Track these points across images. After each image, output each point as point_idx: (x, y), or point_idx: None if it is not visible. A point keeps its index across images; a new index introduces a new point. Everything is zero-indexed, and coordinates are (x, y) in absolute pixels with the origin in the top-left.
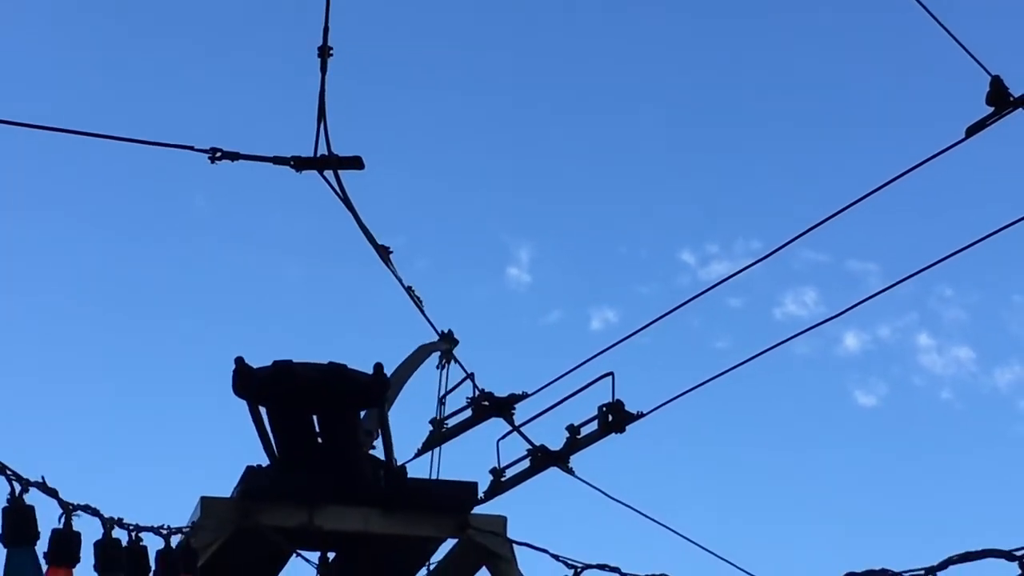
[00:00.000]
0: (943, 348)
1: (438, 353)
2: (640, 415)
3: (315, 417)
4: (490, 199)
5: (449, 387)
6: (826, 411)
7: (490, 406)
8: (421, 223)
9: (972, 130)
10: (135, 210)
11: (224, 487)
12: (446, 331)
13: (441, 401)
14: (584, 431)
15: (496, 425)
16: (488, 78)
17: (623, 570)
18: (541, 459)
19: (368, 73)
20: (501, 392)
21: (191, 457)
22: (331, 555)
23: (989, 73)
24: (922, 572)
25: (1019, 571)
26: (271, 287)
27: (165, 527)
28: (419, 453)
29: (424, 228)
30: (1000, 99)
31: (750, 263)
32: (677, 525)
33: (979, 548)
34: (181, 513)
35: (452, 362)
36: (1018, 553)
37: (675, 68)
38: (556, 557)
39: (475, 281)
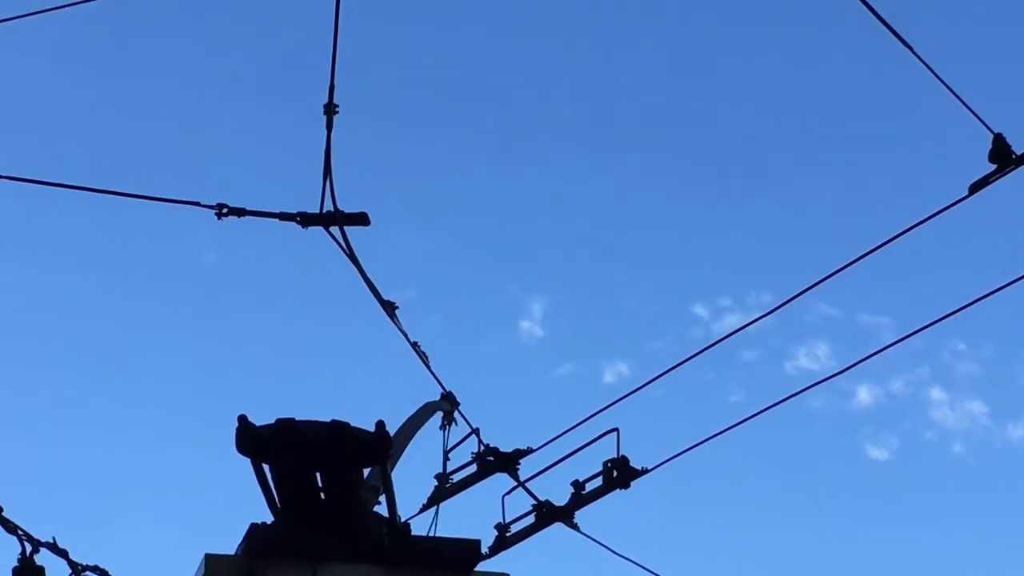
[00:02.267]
0: (955, 402)
1: (441, 413)
2: (645, 471)
3: (318, 474)
4: (503, 253)
5: (453, 443)
6: (839, 465)
7: (495, 461)
8: (434, 278)
9: (975, 187)
10: (142, 266)
11: (229, 545)
12: (448, 392)
13: (446, 456)
14: (589, 487)
15: (501, 480)
16: (498, 134)
17: None
18: (546, 514)
19: (377, 129)
20: (507, 447)
21: (197, 515)
22: None
23: (991, 131)
24: None
25: None
26: (277, 343)
27: None
28: (424, 508)
29: (437, 283)
30: (1003, 156)
31: (761, 315)
32: None
33: None
34: (187, 571)
35: (454, 423)
36: None
37: (685, 122)
38: None
39: (487, 335)
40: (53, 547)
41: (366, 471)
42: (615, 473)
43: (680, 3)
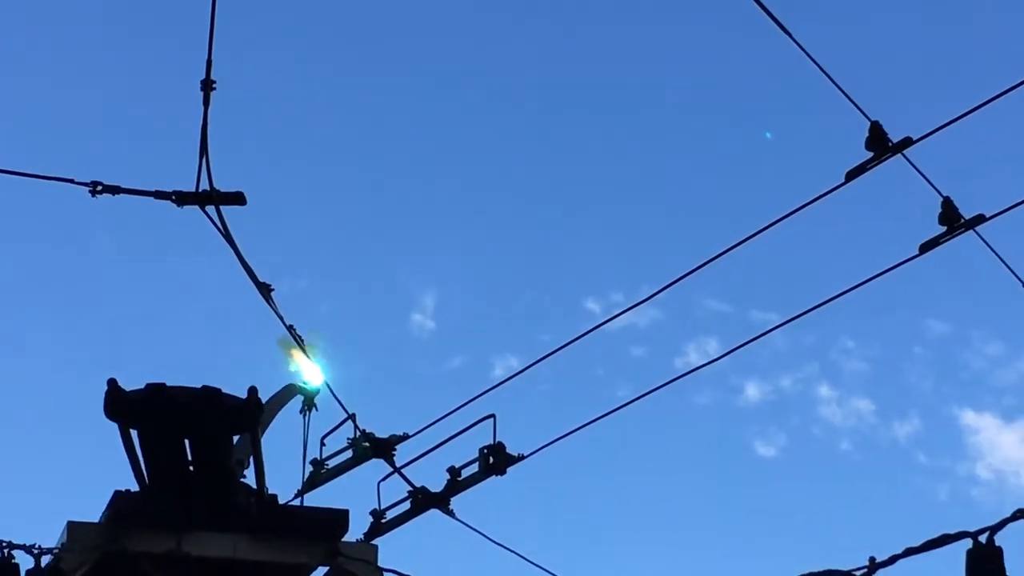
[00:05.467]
0: (843, 399)
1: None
2: (521, 457)
3: (187, 442)
4: (396, 245)
5: (328, 427)
6: (726, 461)
7: (371, 447)
8: (327, 268)
9: (852, 174)
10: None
11: (93, 512)
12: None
13: (322, 441)
14: (465, 473)
15: (378, 466)
16: (390, 122)
17: None
18: (422, 501)
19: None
20: (386, 434)
21: (60, 482)
22: None
23: (869, 119)
24: None
25: None
26: (153, 319)
27: (36, 547)
28: (299, 493)
29: (330, 273)
30: (879, 144)
31: (639, 301)
32: (558, 569)
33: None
34: (49, 539)
35: (315, 408)
36: (858, 573)
37: (571, 113)
38: None
39: (379, 326)
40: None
41: (235, 439)
42: (491, 459)
43: None
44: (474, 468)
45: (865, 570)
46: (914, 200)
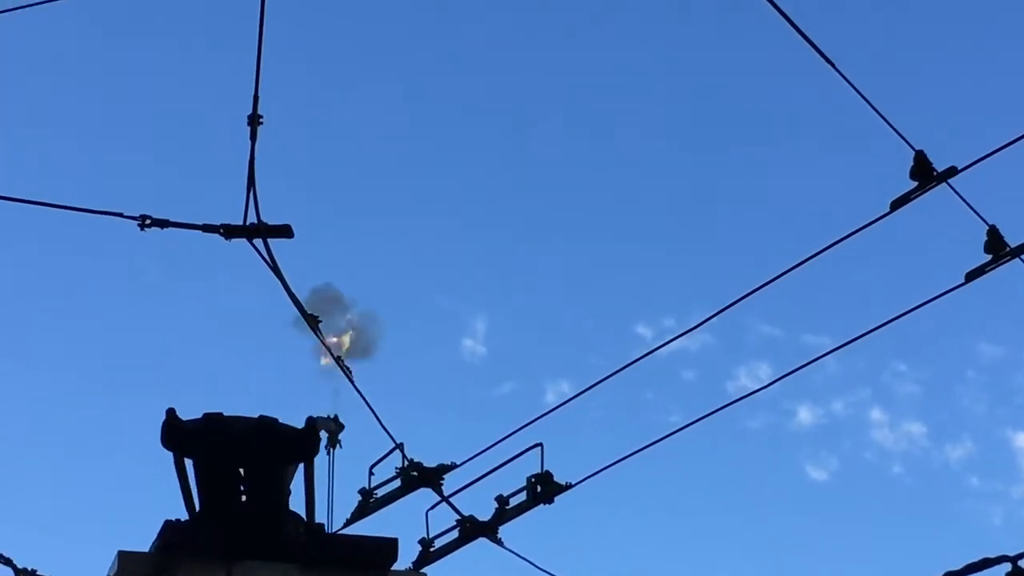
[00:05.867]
0: (895, 423)
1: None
2: (568, 486)
3: (242, 471)
4: (447, 269)
5: (378, 455)
6: (777, 485)
7: (419, 476)
8: (378, 293)
9: (897, 204)
10: (67, 275)
11: (143, 542)
12: (334, 416)
13: (370, 471)
14: (513, 502)
15: (426, 495)
16: (437, 149)
17: None
18: (470, 529)
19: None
20: (436, 462)
21: (112, 511)
22: None
23: (913, 148)
24: None
25: None
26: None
27: None
28: (348, 522)
29: (381, 298)
30: (924, 173)
31: (693, 327)
32: None
33: None
34: (100, 567)
35: (339, 445)
36: None
37: (625, 144)
38: None
39: (429, 351)
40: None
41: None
42: (539, 488)
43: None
44: (522, 497)
45: None
46: (960, 228)
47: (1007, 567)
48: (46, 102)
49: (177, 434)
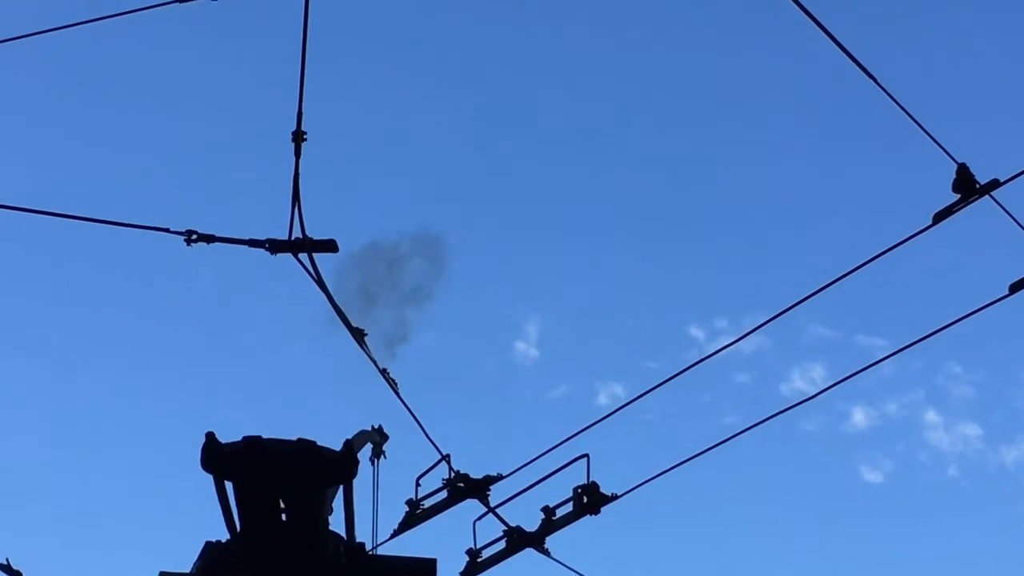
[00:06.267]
0: (950, 425)
1: (371, 444)
2: (615, 497)
3: (281, 493)
4: (500, 271)
5: (424, 467)
6: (833, 488)
7: (465, 487)
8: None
9: (939, 217)
10: (110, 290)
11: (184, 563)
12: (379, 426)
13: (417, 482)
14: (560, 512)
15: (473, 505)
16: (486, 151)
17: None
18: (517, 540)
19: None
20: (490, 470)
21: (153, 533)
22: None
23: (955, 160)
24: None
25: None
26: (247, 368)
27: None
28: (395, 534)
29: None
30: (967, 186)
31: (749, 331)
32: None
33: None
34: None
35: (383, 456)
36: None
37: (679, 148)
38: None
39: (483, 355)
40: (7, 568)
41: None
42: (585, 499)
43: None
44: (569, 508)
45: None
46: (1003, 239)
47: None
48: (94, 116)
49: (216, 457)
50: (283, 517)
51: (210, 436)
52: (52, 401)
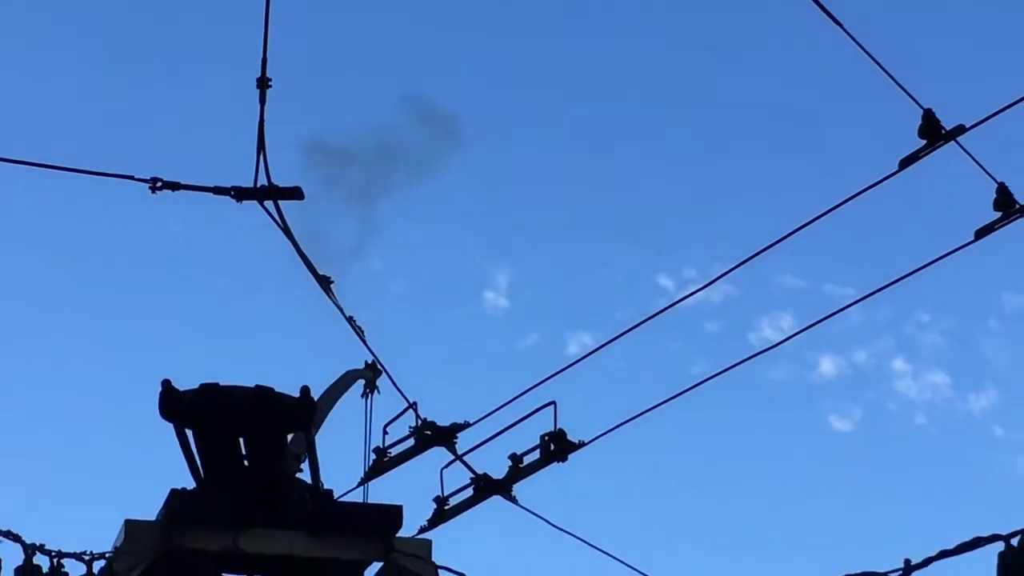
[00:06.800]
0: (918, 373)
1: (363, 381)
2: (581, 444)
3: (242, 440)
4: (470, 222)
5: (391, 415)
6: (801, 436)
7: (433, 435)
8: (401, 247)
9: (905, 162)
10: (73, 237)
11: (150, 511)
12: (370, 361)
13: (384, 430)
14: (527, 460)
15: (442, 453)
16: (461, 101)
17: None
18: (484, 488)
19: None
20: (446, 420)
21: (117, 482)
22: None
23: (921, 107)
24: None
25: None
26: (210, 314)
27: (88, 553)
28: (362, 481)
29: (404, 252)
30: (933, 132)
31: (716, 277)
32: (627, 555)
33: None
34: (106, 539)
35: (376, 391)
36: (893, 574)
37: (651, 101)
38: None
39: (452, 305)
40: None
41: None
42: (552, 446)
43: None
44: (536, 455)
45: (901, 572)
46: (969, 186)
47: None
48: (56, 62)
49: (174, 405)
50: (245, 465)
51: (166, 384)
52: (16, 350)
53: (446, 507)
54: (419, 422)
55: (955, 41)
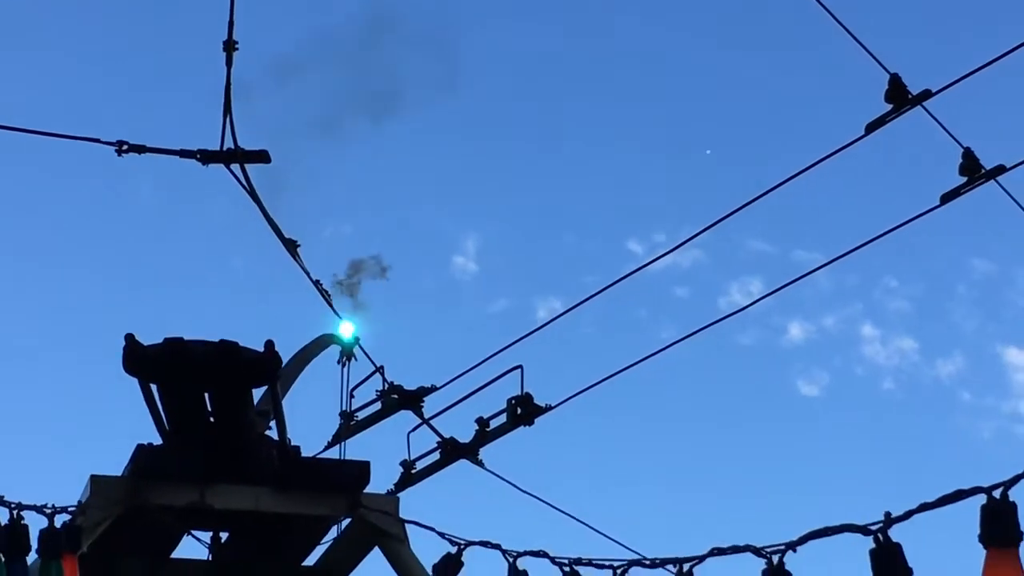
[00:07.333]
0: (886, 339)
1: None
2: (548, 408)
3: (207, 395)
4: (438, 186)
5: (357, 381)
6: (769, 400)
7: (399, 399)
8: (370, 210)
9: (872, 127)
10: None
11: (115, 466)
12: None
13: (351, 394)
14: (494, 424)
15: (409, 417)
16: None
17: (504, 547)
18: (451, 451)
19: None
20: (413, 384)
21: (83, 437)
22: (223, 534)
23: (888, 71)
24: (782, 547)
25: (873, 545)
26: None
27: (49, 506)
28: (329, 445)
29: (373, 216)
30: (899, 96)
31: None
32: (591, 518)
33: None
34: (71, 494)
35: (353, 358)
36: (873, 527)
37: (614, 58)
38: (442, 535)
39: (421, 269)
40: None
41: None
42: (519, 410)
43: None
44: (503, 419)
45: (881, 524)
46: (936, 149)
47: (982, 498)
48: (17, 25)
49: (137, 359)
50: (211, 420)
51: (129, 338)
52: None
53: (413, 471)
54: (386, 386)
55: (921, 5)
